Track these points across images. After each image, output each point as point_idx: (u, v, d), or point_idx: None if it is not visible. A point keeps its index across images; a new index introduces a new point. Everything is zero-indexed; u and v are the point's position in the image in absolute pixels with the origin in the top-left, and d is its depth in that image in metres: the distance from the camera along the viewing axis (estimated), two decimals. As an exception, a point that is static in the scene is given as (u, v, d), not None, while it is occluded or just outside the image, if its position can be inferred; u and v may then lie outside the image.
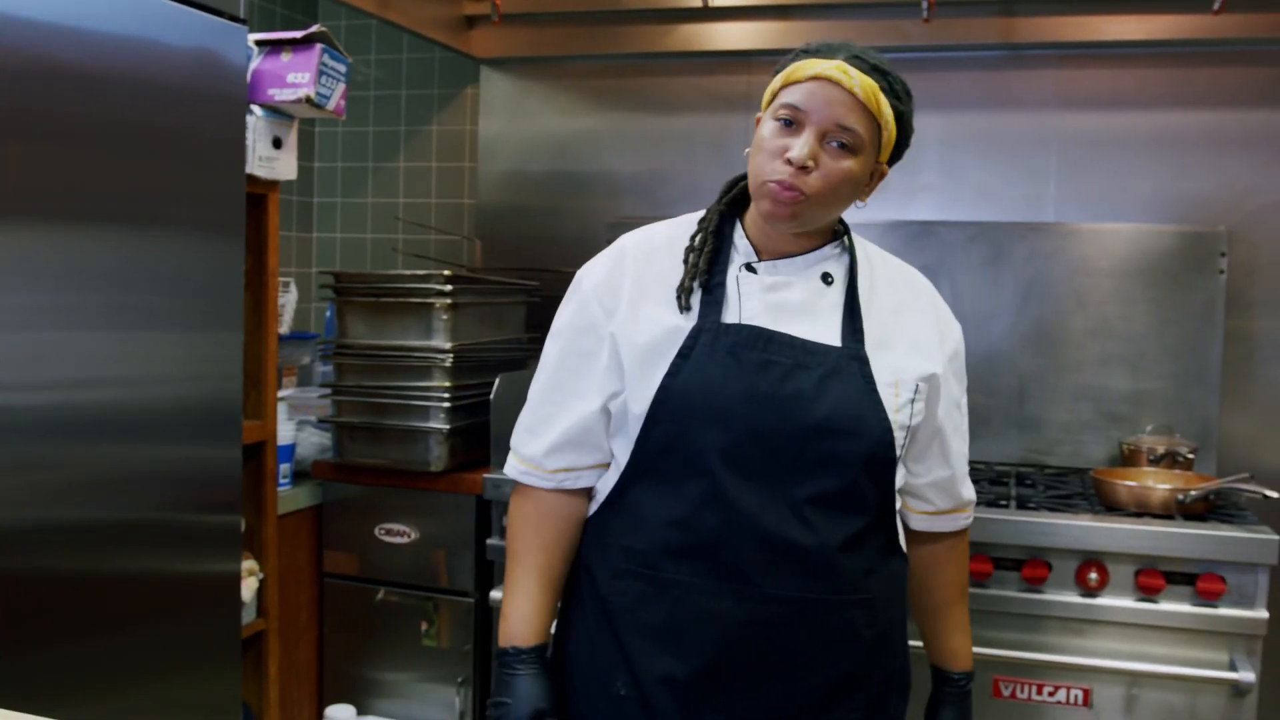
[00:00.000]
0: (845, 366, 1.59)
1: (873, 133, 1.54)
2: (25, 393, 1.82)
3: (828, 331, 1.61)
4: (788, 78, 1.55)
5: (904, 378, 1.62)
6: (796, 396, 1.55)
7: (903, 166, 3.15)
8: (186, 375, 2.14)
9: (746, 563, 1.55)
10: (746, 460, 1.55)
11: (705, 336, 1.58)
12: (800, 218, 1.55)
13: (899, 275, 1.74)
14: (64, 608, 1.92)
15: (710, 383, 1.56)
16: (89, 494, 1.96)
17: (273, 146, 2.57)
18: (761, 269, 1.63)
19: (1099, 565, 2.34)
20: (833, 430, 1.55)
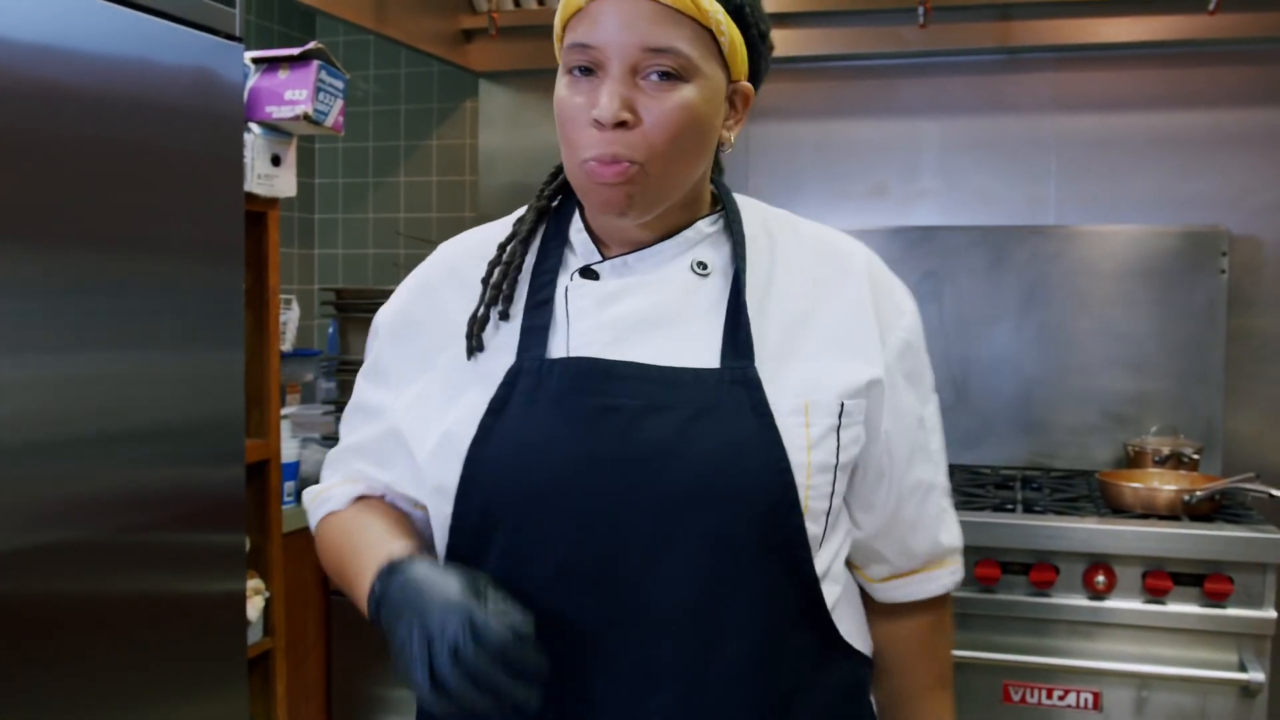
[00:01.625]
0: (726, 396, 1.10)
1: (704, 43, 1.08)
2: (26, 413, 1.82)
3: (701, 347, 1.13)
4: (566, 7, 1.10)
5: (820, 397, 1.13)
6: (652, 453, 1.07)
7: (902, 171, 3.23)
8: (187, 394, 2.14)
9: (609, 702, 1.10)
10: (584, 557, 1.09)
11: (524, 381, 1.11)
12: (642, 199, 1.09)
13: (816, 248, 1.23)
14: (66, 629, 1.92)
15: (529, 449, 1.09)
16: (90, 514, 1.96)
17: (271, 164, 2.57)
18: (606, 271, 1.17)
19: (1106, 568, 2.33)
20: (711, 494, 1.07)
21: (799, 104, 3.27)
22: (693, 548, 1.08)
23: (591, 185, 1.09)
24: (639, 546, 1.08)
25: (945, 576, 1.28)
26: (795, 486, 1.10)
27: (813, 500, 1.11)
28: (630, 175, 1.07)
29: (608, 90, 1.06)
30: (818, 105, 3.26)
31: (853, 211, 3.23)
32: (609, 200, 1.09)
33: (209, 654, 2.26)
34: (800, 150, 3.27)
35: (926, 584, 1.27)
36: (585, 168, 1.08)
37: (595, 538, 1.08)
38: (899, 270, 3.18)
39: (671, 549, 1.07)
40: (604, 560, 1.08)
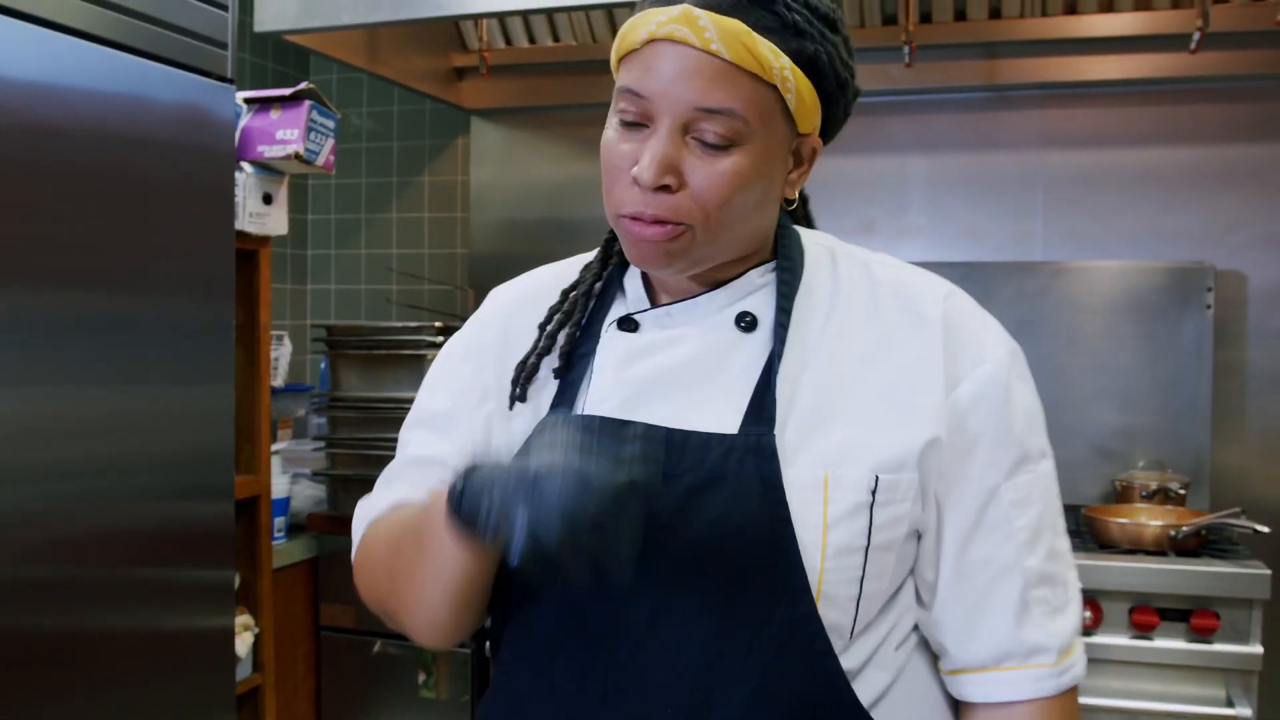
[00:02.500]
0: (735, 466, 1.00)
1: (765, 100, 0.99)
2: (14, 449, 1.83)
3: (725, 409, 1.04)
4: (621, 44, 1.02)
5: (846, 471, 1.01)
6: (652, 523, 0.94)
7: (890, 208, 3.25)
8: (178, 429, 2.16)
9: None
10: (579, 632, 1.04)
11: (547, 435, 0.95)
12: (685, 257, 1.02)
13: (887, 292, 1.10)
14: (55, 666, 1.92)
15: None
16: (79, 550, 1.97)
17: (263, 202, 2.59)
18: (647, 321, 1.10)
19: (1092, 603, 2.34)
20: (701, 575, 1.00)
21: (788, 141, 3.29)
22: (684, 633, 1.00)
23: (629, 239, 1.03)
24: (635, 622, 1.01)
25: (1032, 681, 1.06)
26: (804, 571, 0.99)
27: (831, 585, 1.00)
28: (673, 235, 1.00)
29: (651, 150, 0.98)
30: (806, 142, 3.29)
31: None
32: (646, 256, 1.03)
33: (198, 689, 2.26)
34: (789, 187, 3.29)
35: (1006, 686, 1.07)
36: (622, 222, 1.02)
37: (593, 614, 1.03)
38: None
39: (670, 621, 1.01)
40: (600, 639, 1.03)
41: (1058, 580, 1.09)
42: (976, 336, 1.10)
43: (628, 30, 1.01)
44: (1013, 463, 1.07)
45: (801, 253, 1.13)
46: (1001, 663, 1.06)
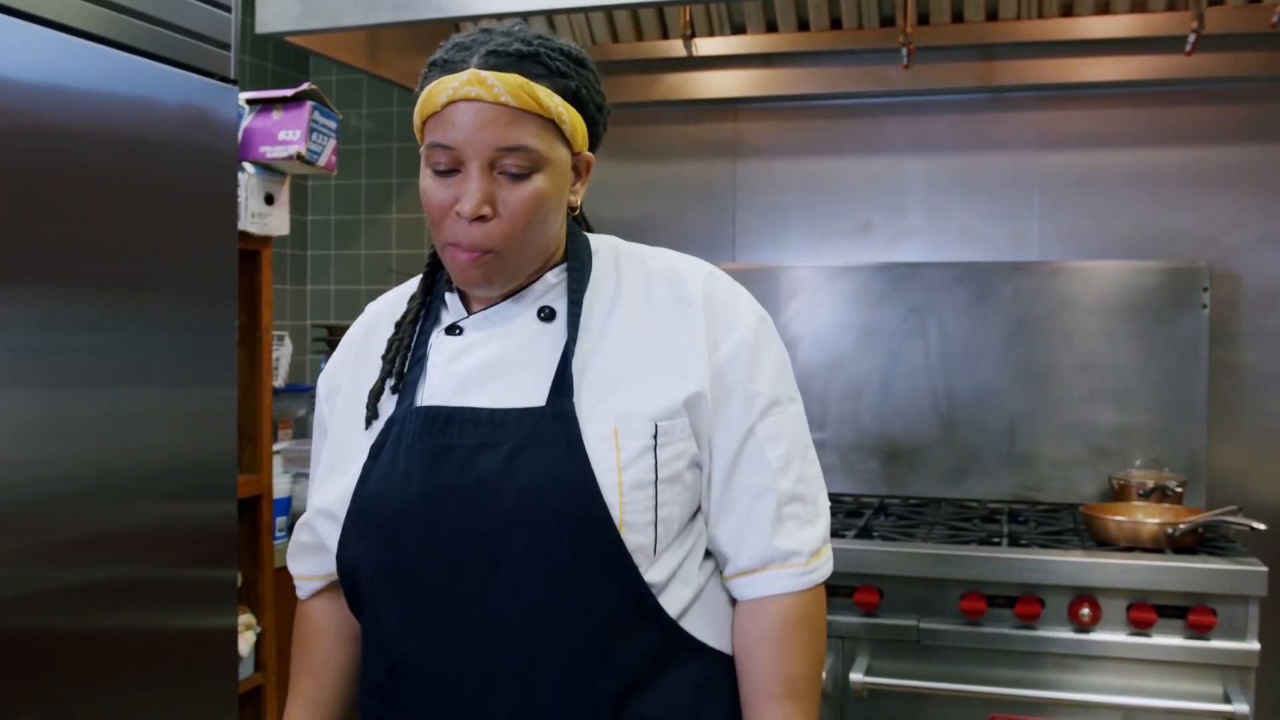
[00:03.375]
0: (545, 431, 1.26)
1: (549, 132, 1.25)
2: (16, 449, 1.84)
3: (532, 389, 1.30)
4: (423, 109, 1.27)
5: (630, 423, 1.27)
6: (479, 485, 1.25)
7: (888, 209, 3.27)
8: (180, 430, 2.16)
9: (461, 702, 1.27)
10: (432, 576, 1.27)
11: (394, 428, 1.32)
12: (502, 274, 1.29)
13: (664, 280, 1.37)
14: (57, 668, 1.93)
15: (391, 486, 1.29)
16: (81, 552, 1.97)
17: (265, 203, 2.60)
18: (469, 326, 1.36)
19: (1091, 600, 2.35)
20: (530, 517, 1.23)
21: (785, 142, 3.32)
22: (519, 565, 1.24)
23: (455, 265, 1.28)
24: (476, 564, 1.25)
25: (785, 578, 1.33)
26: (605, 506, 1.24)
27: (631, 514, 1.25)
28: (487, 260, 1.26)
29: (469, 188, 1.23)
30: (803, 144, 3.31)
31: (838, 249, 3.28)
32: (470, 278, 1.29)
33: (200, 689, 2.27)
34: (786, 188, 3.31)
35: (766, 584, 1.33)
36: (449, 251, 1.28)
37: (442, 557, 1.26)
38: (884, 306, 3.22)
39: (503, 566, 1.24)
40: (450, 575, 1.26)
41: (807, 499, 1.36)
42: (729, 309, 1.36)
43: (426, 98, 1.26)
44: (764, 407, 1.34)
45: (590, 253, 1.39)
46: (765, 565, 1.33)
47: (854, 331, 3.17)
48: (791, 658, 1.32)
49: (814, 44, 3.15)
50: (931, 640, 2.43)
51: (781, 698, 1.31)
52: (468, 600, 1.25)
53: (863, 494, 3.15)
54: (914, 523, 2.76)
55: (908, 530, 2.66)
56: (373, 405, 1.36)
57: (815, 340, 3.20)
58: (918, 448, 3.14)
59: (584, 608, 1.24)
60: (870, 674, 2.41)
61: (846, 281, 3.19)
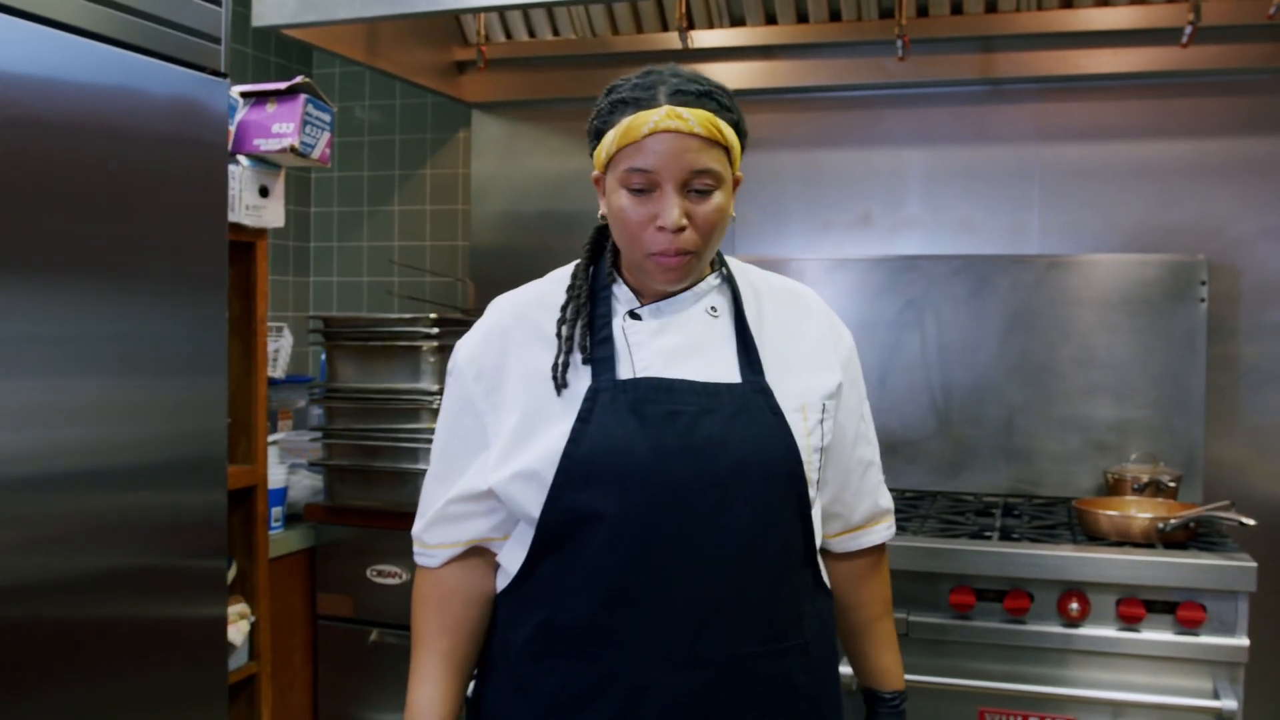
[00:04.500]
0: (751, 402, 1.51)
1: (724, 157, 1.47)
2: (5, 440, 1.86)
3: (725, 368, 1.54)
4: (621, 139, 1.46)
5: (810, 400, 1.55)
6: (707, 443, 1.47)
7: (887, 201, 3.27)
8: (170, 420, 2.18)
9: (676, 628, 1.47)
10: (664, 519, 1.46)
11: (604, 396, 1.50)
12: (694, 272, 1.52)
13: (783, 293, 1.67)
14: (48, 656, 1.95)
15: (616, 444, 1.47)
16: (71, 541, 1.99)
17: (260, 195, 2.61)
18: (646, 314, 1.56)
19: (1080, 595, 2.35)
20: (749, 472, 1.48)
21: (784, 134, 3.31)
22: (739, 510, 1.47)
23: (659, 269, 1.48)
24: (703, 509, 1.46)
25: (883, 530, 1.74)
26: (802, 463, 1.51)
27: (811, 473, 1.54)
28: (687, 261, 1.47)
29: (669, 203, 1.44)
30: (803, 135, 3.30)
31: (837, 241, 3.27)
32: (672, 278, 1.49)
33: (190, 678, 2.28)
34: (786, 180, 3.31)
35: (869, 536, 1.72)
36: (653, 261, 1.47)
37: (671, 507, 1.45)
38: (883, 299, 3.22)
39: (725, 511, 1.46)
40: (680, 518, 1.45)
41: (881, 468, 1.74)
42: (835, 317, 1.68)
43: (628, 130, 1.45)
44: (863, 394, 1.69)
45: (730, 267, 1.64)
46: (871, 521, 1.71)
47: (852, 324, 3.08)
48: (886, 585, 1.77)
49: (813, 36, 3.15)
50: (921, 634, 2.43)
51: (885, 615, 1.75)
52: (692, 539, 1.46)
53: (859, 487, 3.14)
54: (908, 516, 2.75)
55: (900, 524, 2.65)
56: (562, 376, 1.52)
57: (813, 333, 3.19)
58: (914, 440, 3.13)
59: (783, 546, 1.52)
60: (859, 667, 2.41)
61: (845, 274, 3.19)
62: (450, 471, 1.62)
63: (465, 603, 1.64)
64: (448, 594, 1.65)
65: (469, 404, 1.59)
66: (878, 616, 1.75)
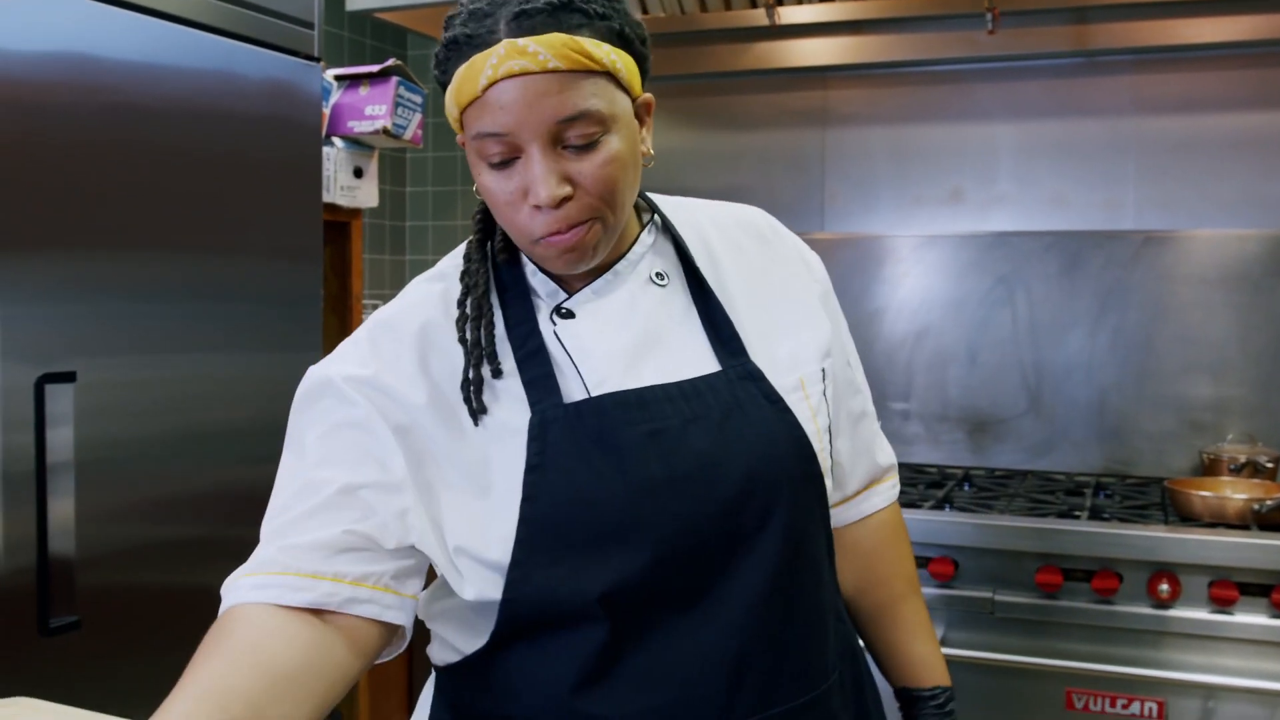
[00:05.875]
0: (740, 393, 1.15)
1: (606, 86, 1.06)
2: (108, 414, 1.94)
3: (696, 355, 1.17)
4: (458, 97, 1.07)
5: (806, 369, 1.21)
6: (702, 464, 1.09)
7: (977, 176, 3.23)
8: (267, 396, 2.25)
9: (702, 704, 1.09)
10: (669, 577, 1.08)
11: (555, 430, 1.08)
12: (601, 246, 1.11)
13: (733, 227, 1.28)
14: (151, 622, 2.03)
15: (587, 493, 1.07)
16: (172, 512, 2.07)
17: (354, 176, 2.68)
18: (578, 307, 1.16)
19: (1170, 576, 2.31)
20: (759, 487, 1.11)
21: (874, 110, 3.29)
22: (760, 539, 1.11)
23: (554, 253, 1.09)
24: (714, 556, 1.10)
25: (886, 490, 1.42)
26: (814, 454, 1.17)
27: (824, 460, 1.20)
28: (587, 233, 1.08)
29: (538, 174, 1.04)
30: (893, 111, 3.28)
31: (928, 218, 3.24)
32: (572, 261, 1.09)
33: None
34: (875, 156, 3.29)
35: (870, 501, 1.41)
36: (543, 246, 1.08)
37: (673, 552, 1.08)
38: (973, 275, 3.19)
39: (740, 547, 1.11)
40: (686, 570, 1.09)
41: (875, 416, 1.41)
42: (796, 242, 1.33)
43: (460, 85, 1.06)
44: (845, 331, 1.35)
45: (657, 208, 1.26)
46: (871, 482, 1.40)
47: (941, 301, 3.15)
48: (906, 558, 1.43)
49: (902, 10, 3.11)
50: (1007, 613, 2.42)
51: (909, 594, 1.41)
52: (708, 593, 1.10)
53: (947, 465, 3.13)
54: (995, 495, 2.74)
55: (987, 502, 2.64)
56: (477, 399, 1.10)
57: (902, 310, 3.18)
58: (1004, 419, 3.11)
59: (813, 566, 1.18)
60: (945, 645, 2.41)
61: (935, 251, 3.16)
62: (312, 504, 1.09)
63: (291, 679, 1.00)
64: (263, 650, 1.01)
65: (362, 422, 1.09)
66: (901, 596, 1.41)
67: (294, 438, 1.13)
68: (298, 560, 1.05)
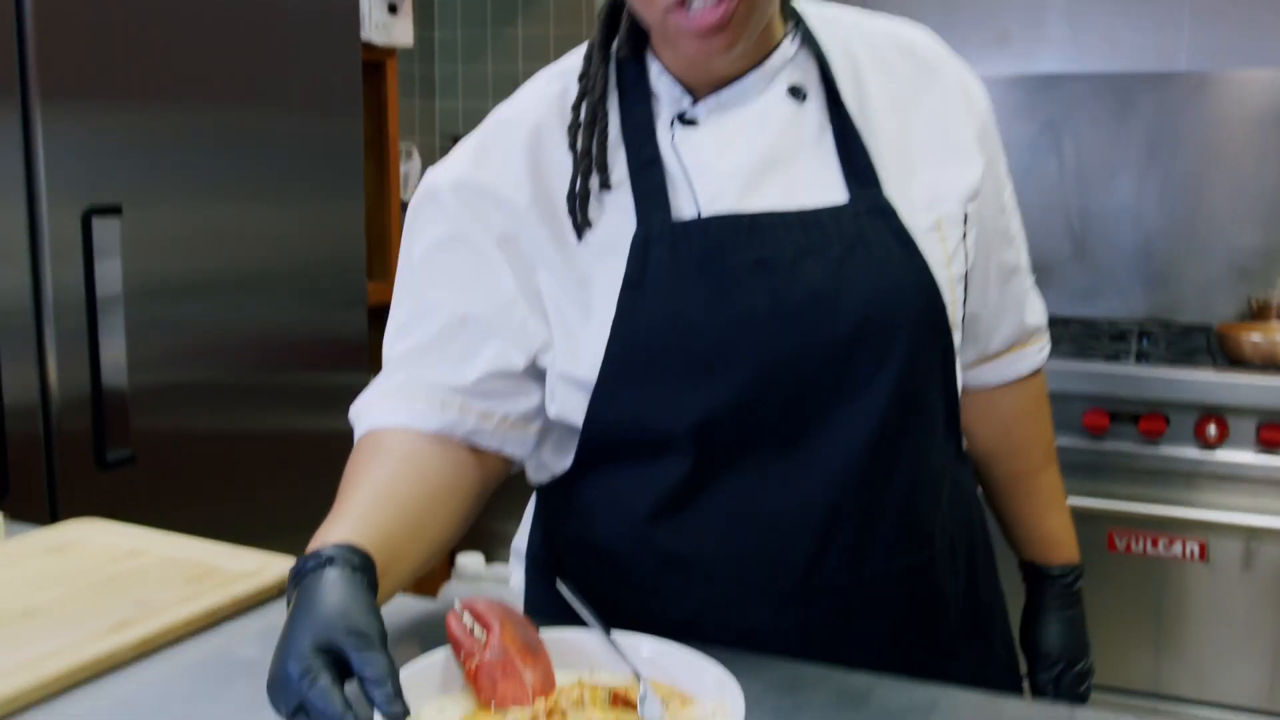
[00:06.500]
0: (867, 228, 1.04)
1: None
2: (156, 262, 1.93)
3: (824, 182, 1.06)
4: None
5: (947, 210, 1.08)
6: (813, 300, 1.01)
7: (1026, 18, 3.14)
8: (311, 242, 2.24)
9: (784, 555, 1.05)
10: (762, 416, 1.02)
11: (659, 249, 1.02)
12: (746, 29, 0.99)
13: (888, 47, 1.13)
14: (202, 464, 2.05)
15: (685, 319, 1.01)
16: (222, 355, 2.08)
17: (388, 12, 2.61)
18: (703, 115, 1.06)
19: (1219, 419, 2.31)
20: (874, 332, 1.02)
21: (921, -53, 3.18)
22: (866, 387, 1.03)
23: (692, 32, 0.96)
24: (815, 392, 1.02)
25: (1033, 354, 1.28)
26: (944, 305, 1.06)
27: (955, 313, 1.08)
28: (731, 19, 0.96)
29: None
30: (940, -52, 3.17)
31: (974, 59, 3.12)
32: (715, 39, 0.97)
33: (330, 490, 2.38)
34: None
35: (1015, 365, 1.27)
36: (676, 17, 0.96)
37: (770, 390, 1.02)
38: (1019, 119, 3.11)
39: (846, 390, 1.03)
40: (781, 410, 1.02)
41: (1030, 271, 1.27)
42: (960, 69, 1.16)
43: None
44: (1004, 175, 1.19)
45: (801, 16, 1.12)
46: (1017, 344, 1.26)
47: None
48: (1046, 427, 1.32)
49: None
50: (1051, 456, 2.42)
51: (1046, 465, 1.32)
52: (802, 438, 1.03)
53: (989, 312, 3.11)
54: (1039, 340, 2.72)
55: (1032, 347, 2.62)
56: (581, 212, 1.04)
57: (945, 155, 3.12)
58: (1048, 265, 3.06)
59: (926, 426, 1.08)
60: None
61: (980, 94, 3.09)
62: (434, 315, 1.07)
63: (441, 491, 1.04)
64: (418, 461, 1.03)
65: (463, 237, 1.07)
66: (1038, 467, 1.32)
67: (405, 248, 1.11)
68: (426, 390, 1.05)
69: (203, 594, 1.09)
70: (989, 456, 1.30)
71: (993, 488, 1.32)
